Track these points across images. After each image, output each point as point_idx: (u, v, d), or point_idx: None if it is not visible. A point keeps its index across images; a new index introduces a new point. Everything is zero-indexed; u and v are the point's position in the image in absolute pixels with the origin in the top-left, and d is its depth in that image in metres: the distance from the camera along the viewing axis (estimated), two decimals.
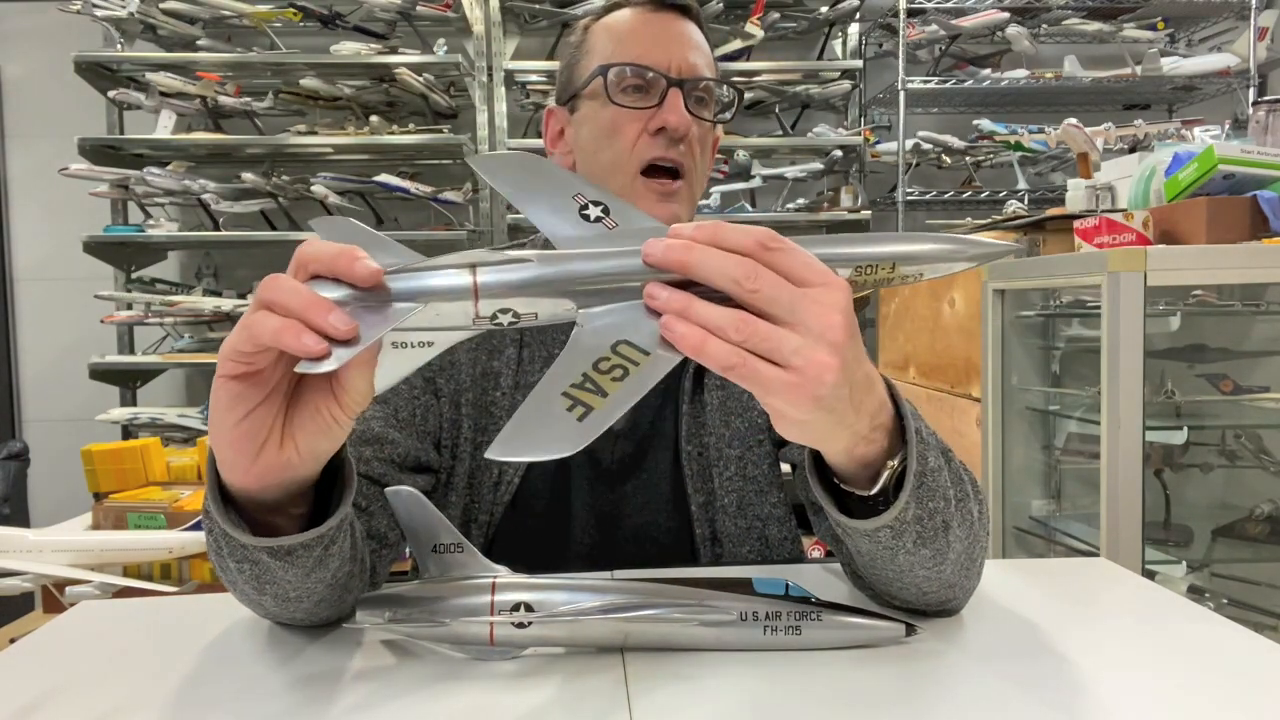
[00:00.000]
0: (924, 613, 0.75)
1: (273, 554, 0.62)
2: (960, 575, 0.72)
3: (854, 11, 3.56)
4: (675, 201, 0.94)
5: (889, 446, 0.62)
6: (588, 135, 0.97)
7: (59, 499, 3.02)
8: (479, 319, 0.52)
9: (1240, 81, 3.50)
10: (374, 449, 0.89)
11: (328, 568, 0.67)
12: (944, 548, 0.68)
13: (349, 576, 0.73)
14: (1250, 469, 1.84)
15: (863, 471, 0.63)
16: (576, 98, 0.98)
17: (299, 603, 0.69)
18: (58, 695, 0.64)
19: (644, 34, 0.95)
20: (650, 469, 0.98)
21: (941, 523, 0.66)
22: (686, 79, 0.94)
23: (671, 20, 0.96)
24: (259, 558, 0.63)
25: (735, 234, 0.52)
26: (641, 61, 0.93)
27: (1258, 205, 1.59)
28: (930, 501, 0.64)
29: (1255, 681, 0.64)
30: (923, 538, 0.66)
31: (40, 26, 3.68)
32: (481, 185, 3.59)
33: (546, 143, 1.04)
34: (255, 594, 0.69)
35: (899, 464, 0.63)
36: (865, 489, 0.64)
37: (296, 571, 0.65)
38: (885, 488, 0.63)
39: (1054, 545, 1.97)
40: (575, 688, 0.63)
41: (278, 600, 0.69)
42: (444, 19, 3.47)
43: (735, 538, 0.97)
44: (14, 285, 3.80)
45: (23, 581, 1.79)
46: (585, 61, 0.97)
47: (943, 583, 0.71)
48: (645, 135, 0.93)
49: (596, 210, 0.56)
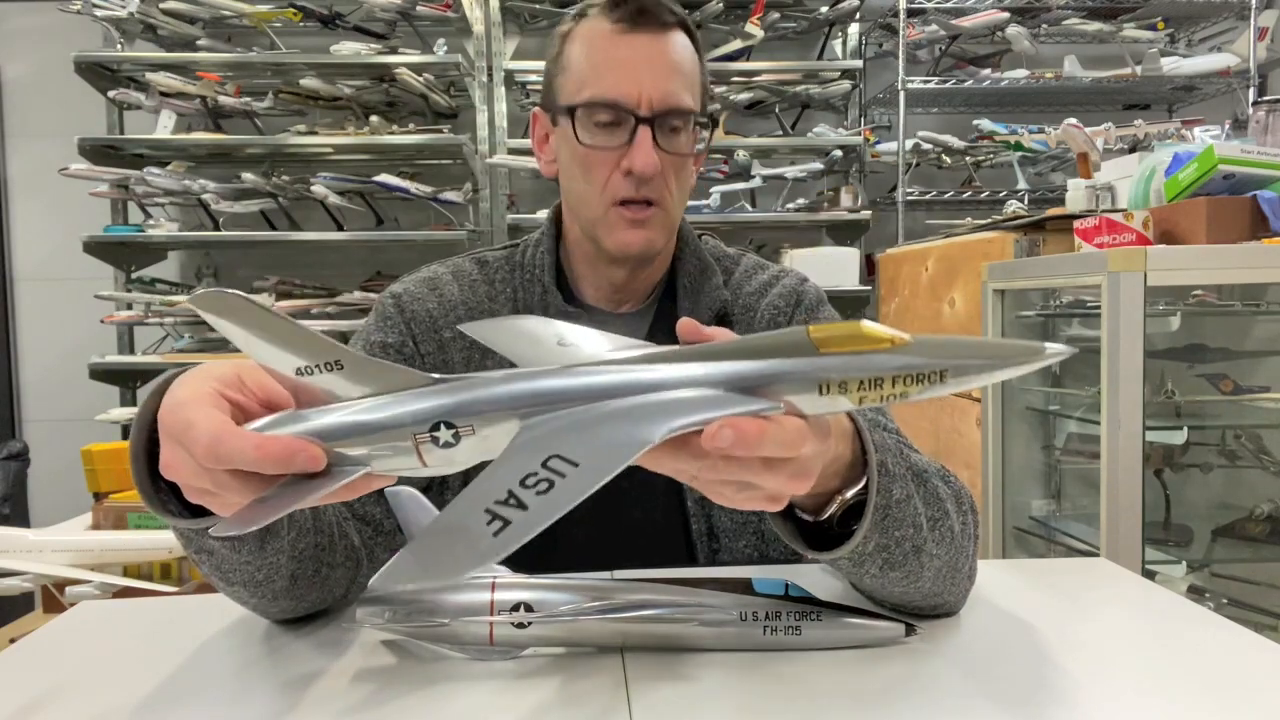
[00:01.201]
0: (920, 614, 0.76)
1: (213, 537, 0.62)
2: (944, 585, 0.73)
3: (854, 11, 3.55)
4: (648, 228, 0.94)
5: (847, 478, 0.64)
6: (565, 159, 0.97)
7: (59, 499, 3.02)
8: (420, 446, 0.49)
9: (1240, 81, 3.50)
10: None
11: (279, 538, 0.67)
12: (917, 569, 0.69)
13: (319, 550, 0.73)
14: (1250, 469, 1.84)
15: (809, 500, 0.65)
16: (556, 112, 0.96)
17: (271, 584, 0.70)
18: (58, 695, 0.64)
19: (615, 60, 0.91)
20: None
21: (911, 548, 0.67)
22: (657, 112, 0.90)
23: (647, 41, 0.91)
24: (204, 542, 0.64)
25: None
26: (610, 95, 0.89)
27: (1258, 205, 1.59)
28: (897, 530, 0.66)
29: (1255, 681, 0.64)
30: (890, 563, 0.67)
31: (40, 26, 3.68)
32: (481, 185, 3.59)
33: (533, 145, 1.03)
34: (227, 585, 0.70)
35: (852, 496, 0.64)
36: (814, 515, 0.65)
37: (248, 549, 0.65)
38: (835, 515, 0.65)
39: (1054, 545, 1.97)
40: (575, 688, 0.63)
41: (250, 587, 0.69)
42: (444, 19, 3.47)
43: (732, 532, 0.98)
44: (14, 285, 3.80)
45: (23, 581, 1.78)
46: (562, 76, 0.95)
47: (923, 594, 0.73)
48: (616, 174, 0.92)
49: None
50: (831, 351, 0.48)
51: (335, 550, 0.76)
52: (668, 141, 0.92)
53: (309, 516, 0.72)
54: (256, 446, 0.48)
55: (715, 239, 1.11)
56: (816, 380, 0.48)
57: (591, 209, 0.94)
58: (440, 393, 0.50)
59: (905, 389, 0.48)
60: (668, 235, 0.98)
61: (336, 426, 0.50)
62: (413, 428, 0.49)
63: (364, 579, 0.83)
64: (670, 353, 0.51)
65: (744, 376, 0.49)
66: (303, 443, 0.49)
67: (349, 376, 0.51)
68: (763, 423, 0.48)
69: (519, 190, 3.71)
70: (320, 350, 0.51)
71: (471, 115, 3.61)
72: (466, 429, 0.49)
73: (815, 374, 0.48)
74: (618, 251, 0.95)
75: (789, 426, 0.49)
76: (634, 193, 0.92)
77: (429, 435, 0.48)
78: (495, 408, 0.49)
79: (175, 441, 0.51)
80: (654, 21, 0.91)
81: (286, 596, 0.72)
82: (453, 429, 0.49)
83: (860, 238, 3.63)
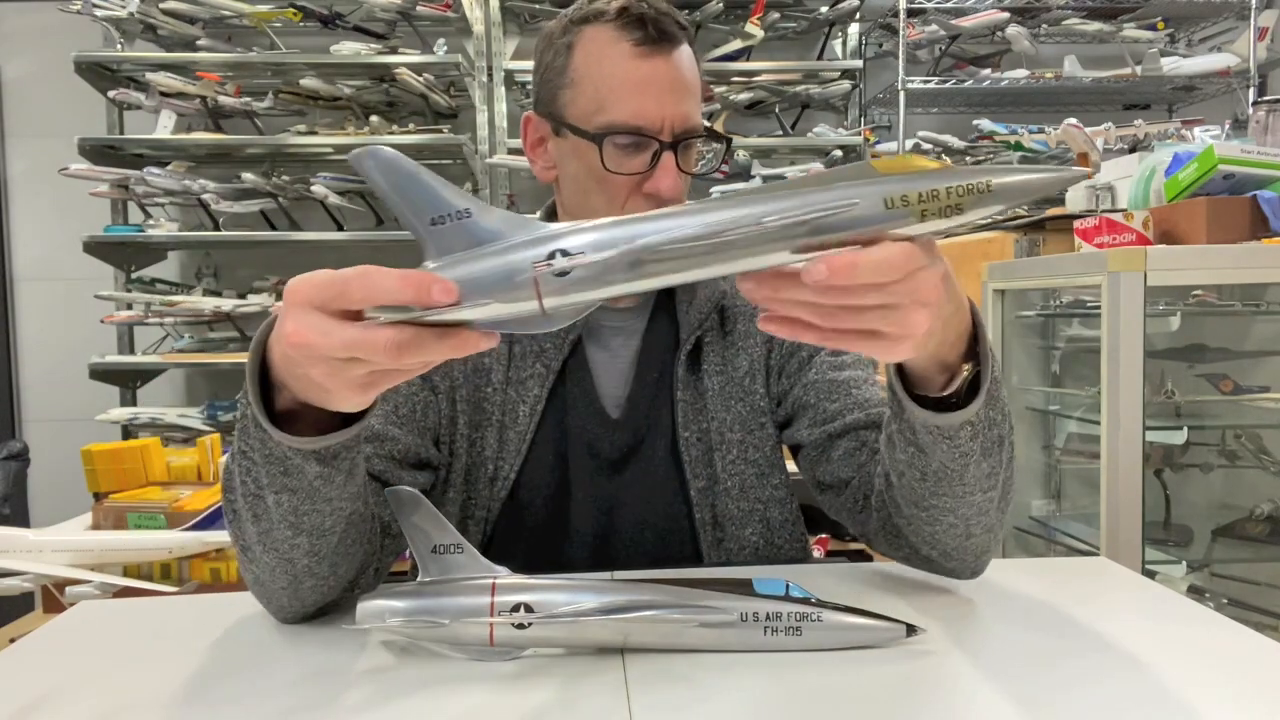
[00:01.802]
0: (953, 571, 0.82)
1: (320, 459, 0.65)
2: (998, 516, 0.78)
3: (854, 11, 3.56)
4: None
5: (965, 351, 0.69)
6: (575, 172, 0.95)
7: (59, 499, 3.01)
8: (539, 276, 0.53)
9: (1240, 81, 3.50)
10: (374, 446, 0.89)
11: (355, 479, 0.71)
12: (998, 465, 0.74)
13: (360, 519, 0.75)
14: (1250, 469, 1.84)
15: (939, 375, 0.69)
16: (562, 125, 0.94)
17: (331, 534, 0.71)
18: (58, 695, 0.64)
19: (636, 84, 0.90)
20: (648, 456, 0.99)
21: (997, 436, 0.73)
22: (678, 136, 0.91)
23: (664, 63, 0.90)
24: (305, 468, 0.65)
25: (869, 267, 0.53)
26: (634, 122, 0.89)
27: (1258, 205, 1.59)
28: (994, 409, 0.71)
29: (1255, 681, 0.64)
30: (987, 448, 0.72)
31: (40, 26, 3.67)
32: (481, 185, 3.59)
33: (526, 148, 1.01)
34: (291, 536, 0.70)
35: (971, 370, 0.69)
36: (938, 391, 0.70)
37: (339, 479, 0.68)
38: (959, 390, 0.69)
39: (1054, 545, 1.97)
40: (575, 688, 0.63)
41: (313, 537, 0.70)
42: (444, 19, 3.47)
43: (737, 520, 0.98)
44: (14, 285, 3.80)
45: (23, 581, 1.78)
46: (571, 92, 0.92)
47: (987, 526, 0.77)
48: (636, 195, 0.92)
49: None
50: (891, 173, 0.53)
51: (365, 525, 0.78)
52: (686, 162, 0.94)
53: (361, 484, 0.74)
54: (400, 277, 0.51)
55: None
56: (883, 195, 0.52)
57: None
58: (558, 232, 0.54)
59: (959, 200, 0.53)
60: None
61: (464, 269, 0.53)
62: (532, 258, 0.52)
63: (365, 581, 0.83)
64: (749, 195, 0.54)
65: (819, 202, 0.53)
66: (439, 277, 0.52)
67: (478, 223, 0.54)
68: (854, 253, 0.52)
69: (519, 190, 3.71)
70: (453, 198, 0.55)
71: (471, 115, 3.61)
72: (579, 254, 0.52)
73: (881, 190, 0.52)
74: None
75: (888, 249, 0.52)
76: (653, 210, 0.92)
77: (546, 263, 0.52)
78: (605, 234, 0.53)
79: (307, 307, 0.54)
80: (671, 42, 0.91)
81: (330, 559, 0.73)
82: (568, 255, 0.52)
83: None
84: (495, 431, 0.97)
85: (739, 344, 1.02)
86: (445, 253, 0.54)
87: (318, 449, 0.64)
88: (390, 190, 0.55)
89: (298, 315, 0.54)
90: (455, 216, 0.55)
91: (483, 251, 0.54)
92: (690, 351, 1.00)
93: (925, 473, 0.74)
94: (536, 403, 0.97)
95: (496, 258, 0.53)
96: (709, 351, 1.01)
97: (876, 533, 0.88)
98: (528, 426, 0.96)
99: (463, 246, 0.54)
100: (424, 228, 0.55)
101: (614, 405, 0.99)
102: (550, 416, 0.98)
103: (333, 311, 0.54)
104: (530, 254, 0.52)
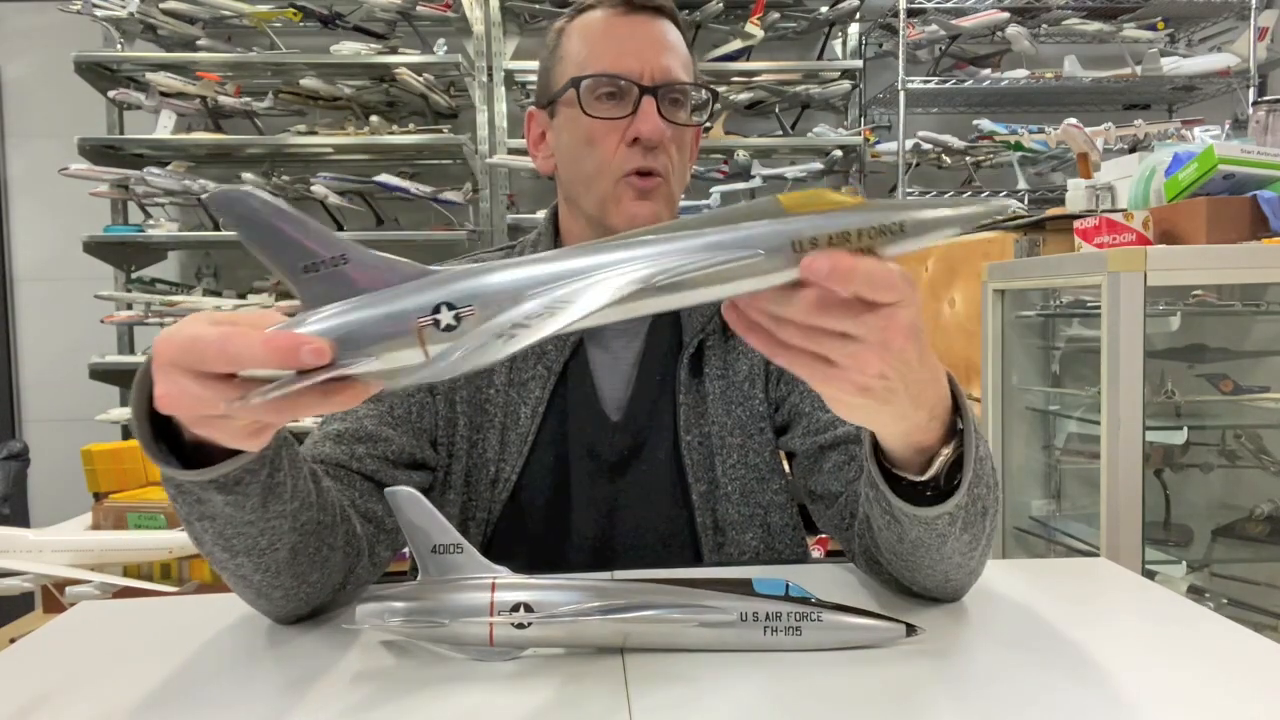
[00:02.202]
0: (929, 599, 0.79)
1: (220, 488, 0.62)
2: (981, 561, 0.76)
3: (854, 11, 3.56)
4: (655, 200, 0.95)
5: (943, 435, 0.66)
6: (568, 143, 0.97)
7: (59, 499, 3.01)
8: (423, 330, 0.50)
9: (1240, 81, 3.50)
10: (367, 446, 0.90)
11: (282, 500, 0.67)
12: (980, 533, 0.72)
13: (321, 527, 0.73)
14: (1250, 469, 1.84)
15: (916, 457, 0.67)
16: (554, 104, 0.98)
17: (275, 551, 0.69)
18: (58, 695, 0.64)
19: (616, 39, 0.94)
20: (649, 460, 0.99)
21: (982, 508, 0.71)
22: (660, 84, 0.93)
23: (644, 22, 0.95)
24: (209, 498, 0.63)
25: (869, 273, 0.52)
26: (613, 69, 0.93)
27: (1258, 205, 1.59)
28: (977, 488, 0.69)
29: (1255, 681, 0.64)
30: (968, 523, 0.70)
31: (40, 26, 3.67)
32: (481, 185, 3.59)
33: (529, 145, 1.05)
34: (231, 557, 0.69)
35: (953, 451, 0.67)
36: (916, 474, 0.68)
37: (250, 504, 0.65)
38: (937, 474, 0.67)
39: (1054, 545, 1.97)
40: (575, 688, 0.63)
41: (254, 556, 0.69)
42: (444, 19, 3.47)
43: (738, 525, 0.98)
44: (14, 285, 3.80)
45: (23, 581, 1.79)
46: (559, 67, 0.97)
47: (968, 570, 0.76)
48: (623, 146, 0.93)
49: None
50: (799, 212, 0.51)
51: (337, 532, 0.77)
52: (670, 112, 0.95)
53: (313, 491, 0.72)
54: (264, 341, 0.49)
55: None
56: (790, 238, 0.51)
57: (598, 186, 0.95)
58: (442, 280, 0.51)
59: (870, 241, 0.51)
60: (672, 211, 0.99)
61: (340, 321, 0.50)
62: (415, 312, 0.49)
63: (362, 572, 0.83)
64: (648, 235, 0.52)
65: (724, 243, 0.51)
66: (307, 336, 0.49)
67: (354, 270, 0.51)
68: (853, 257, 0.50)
69: (519, 190, 3.71)
70: (326, 244, 0.51)
71: (471, 115, 3.61)
72: (468, 311, 0.49)
73: (788, 233, 0.51)
74: (625, 226, 0.95)
75: (887, 266, 0.51)
76: (642, 161, 0.93)
77: (431, 319, 0.49)
78: (496, 289, 0.50)
79: (174, 369, 0.51)
80: (657, 11, 0.96)
81: (288, 572, 0.72)
82: (454, 310, 0.49)
83: None
84: (497, 433, 0.97)
85: (740, 348, 1.02)
86: (320, 303, 0.51)
87: (214, 478, 0.61)
88: (253, 236, 0.51)
89: (165, 376, 0.52)
90: (329, 264, 0.51)
91: (363, 302, 0.50)
92: (692, 355, 1.00)
93: (902, 538, 0.73)
94: (538, 404, 0.97)
95: (377, 309, 0.50)
96: (710, 355, 1.01)
97: (858, 557, 0.88)
98: (529, 428, 0.96)
99: (340, 296, 0.51)
100: (294, 276, 0.51)
101: (615, 408, 0.99)
102: (551, 418, 0.97)
103: (199, 373, 0.51)
104: (414, 305, 0.49)
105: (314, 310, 0.51)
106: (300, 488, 0.70)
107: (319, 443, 0.89)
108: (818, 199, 0.52)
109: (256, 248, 0.51)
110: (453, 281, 0.50)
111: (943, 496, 0.68)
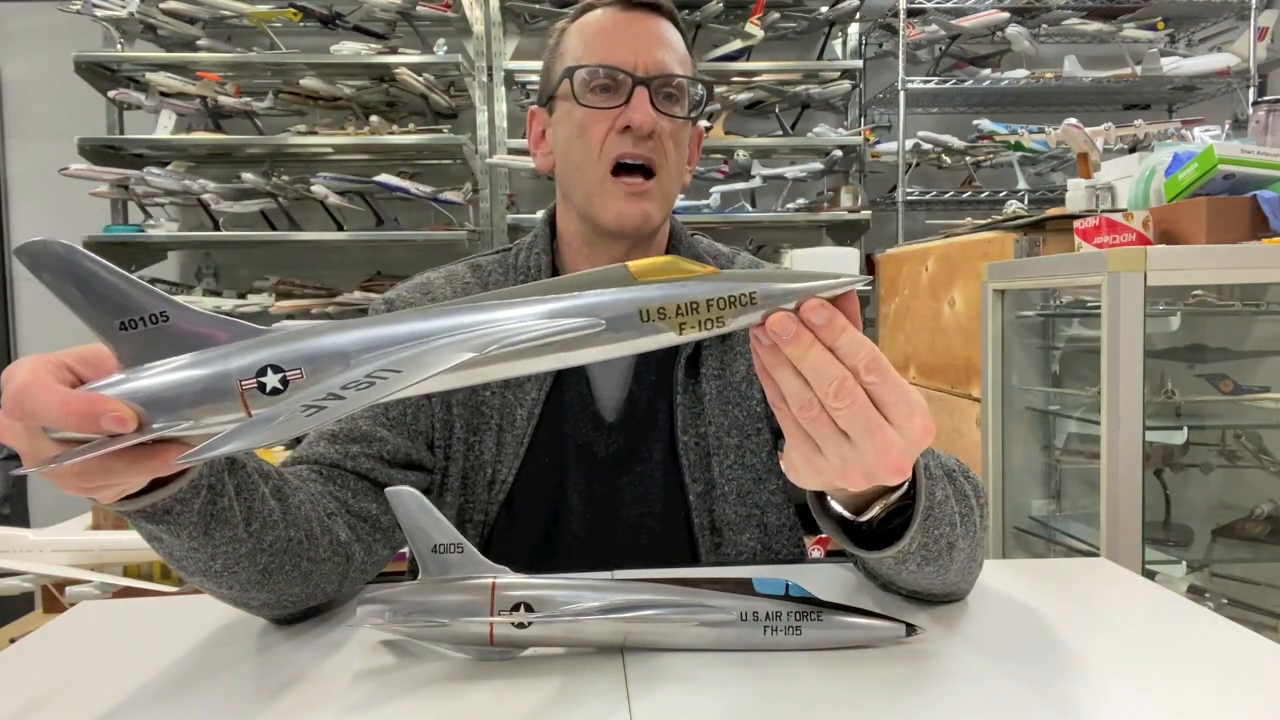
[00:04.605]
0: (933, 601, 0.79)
1: (150, 518, 0.60)
2: (963, 576, 0.75)
3: (854, 11, 3.56)
4: (646, 200, 0.95)
5: (881, 489, 0.66)
6: (562, 136, 0.98)
7: (59, 499, 3.01)
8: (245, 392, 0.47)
9: (1240, 81, 3.51)
10: (361, 446, 0.90)
11: (231, 525, 0.65)
12: (948, 562, 0.71)
13: (294, 544, 0.72)
14: (1250, 469, 1.84)
15: (854, 500, 0.67)
16: (552, 99, 0.99)
17: (233, 574, 0.68)
18: (58, 695, 0.64)
19: (612, 34, 0.95)
20: (646, 460, 0.99)
21: (946, 544, 0.69)
22: (653, 76, 0.94)
23: (640, 19, 0.96)
24: (141, 526, 0.62)
25: (850, 342, 0.52)
26: (608, 61, 0.93)
27: (1258, 205, 1.59)
28: (936, 529, 0.67)
29: (1255, 681, 0.64)
30: (927, 560, 0.69)
31: (40, 26, 3.67)
32: (481, 185, 3.59)
33: (530, 143, 1.05)
34: (187, 575, 0.68)
35: (895, 500, 0.66)
36: (856, 515, 0.67)
37: (185, 534, 0.62)
38: (877, 517, 0.67)
39: (1054, 545, 1.97)
40: (575, 688, 0.63)
41: (210, 577, 0.68)
42: (444, 19, 3.48)
43: (735, 525, 0.98)
44: (14, 285, 3.80)
45: (23, 581, 1.79)
46: (558, 64, 0.98)
47: (946, 585, 0.75)
48: (613, 133, 0.93)
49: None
50: (647, 281, 0.50)
51: (316, 545, 0.75)
52: (664, 105, 0.95)
53: (276, 509, 0.71)
54: (62, 403, 0.46)
55: (709, 239, 1.12)
56: (637, 307, 0.50)
57: (589, 178, 0.95)
58: (270, 342, 0.48)
59: (720, 312, 0.50)
60: (664, 211, 0.99)
61: (157, 382, 0.47)
62: (238, 374, 0.47)
63: (356, 574, 0.83)
64: (492, 298, 0.51)
65: (567, 310, 0.50)
66: (113, 402, 0.46)
67: (177, 329, 0.49)
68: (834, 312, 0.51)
69: (519, 190, 3.71)
70: (146, 302, 0.49)
71: (471, 115, 3.62)
72: (295, 374, 0.47)
73: (636, 302, 0.50)
74: (615, 225, 0.95)
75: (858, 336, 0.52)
76: (631, 148, 0.93)
77: (255, 381, 0.47)
78: (327, 351, 0.48)
79: (7, 411, 0.48)
80: (655, 10, 0.97)
81: (261, 589, 0.71)
82: (280, 373, 0.47)
83: (860, 238, 3.63)
84: (493, 435, 0.97)
85: (737, 349, 1.02)
86: (136, 362, 0.48)
87: (140, 509, 0.58)
88: (63, 290, 0.47)
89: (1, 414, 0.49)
90: (148, 321, 0.48)
91: (185, 362, 0.48)
92: (689, 355, 1.00)
93: (867, 566, 0.73)
94: (534, 406, 0.97)
95: (198, 369, 0.47)
96: (707, 356, 1.01)
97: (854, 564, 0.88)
98: (525, 430, 0.96)
99: (160, 355, 0.48)
100: (110, 333, 0.48)
101: (610, 409, 0.99)
102: (547, 420, 0.97)
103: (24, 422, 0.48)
104: (238, 366, 0.47)
105: (133, 369, 0.48)
106: (258, 510, 0.68)
107: (313, 444, 0.89)
108: (670, 267, 0.51)
109: (69, 301, 0.48)
110: (282, 343, 0.48)
111: (895, 536, 0.67)
